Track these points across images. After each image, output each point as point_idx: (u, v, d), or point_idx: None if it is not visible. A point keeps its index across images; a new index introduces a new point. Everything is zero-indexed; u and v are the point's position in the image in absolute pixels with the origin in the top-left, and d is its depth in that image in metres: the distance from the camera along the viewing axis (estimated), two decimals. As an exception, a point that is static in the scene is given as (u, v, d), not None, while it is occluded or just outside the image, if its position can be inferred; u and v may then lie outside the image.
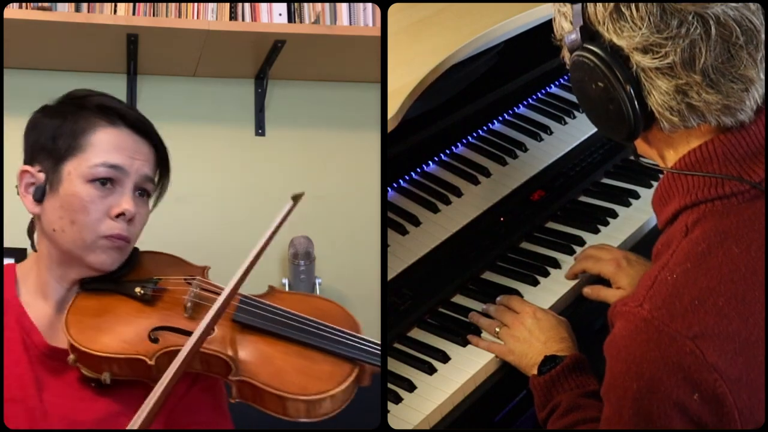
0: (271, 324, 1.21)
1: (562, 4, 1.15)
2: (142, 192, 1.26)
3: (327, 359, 1.17)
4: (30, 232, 1.32)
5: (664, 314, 1.03)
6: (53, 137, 1.23)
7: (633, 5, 1.06)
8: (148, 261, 1.31)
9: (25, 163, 1.27)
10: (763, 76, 1.07)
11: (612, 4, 1.07)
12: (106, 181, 1.22)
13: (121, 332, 1.17)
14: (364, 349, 1.19)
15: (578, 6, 1.11)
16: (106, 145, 1.22)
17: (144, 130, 1.27)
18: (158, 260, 1.32)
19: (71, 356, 1.15)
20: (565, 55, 1.18)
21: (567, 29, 1.15)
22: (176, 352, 1.11)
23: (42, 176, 1.24)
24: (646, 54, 1.06)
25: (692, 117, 1.08)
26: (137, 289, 1.23)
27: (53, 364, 1.20)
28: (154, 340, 1.16)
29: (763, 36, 1.06)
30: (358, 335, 1.22)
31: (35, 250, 1.29)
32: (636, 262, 1.46)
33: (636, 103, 1.09)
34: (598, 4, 1.09)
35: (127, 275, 1.26)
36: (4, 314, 1.23)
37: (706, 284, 1.04)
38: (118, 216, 1.22)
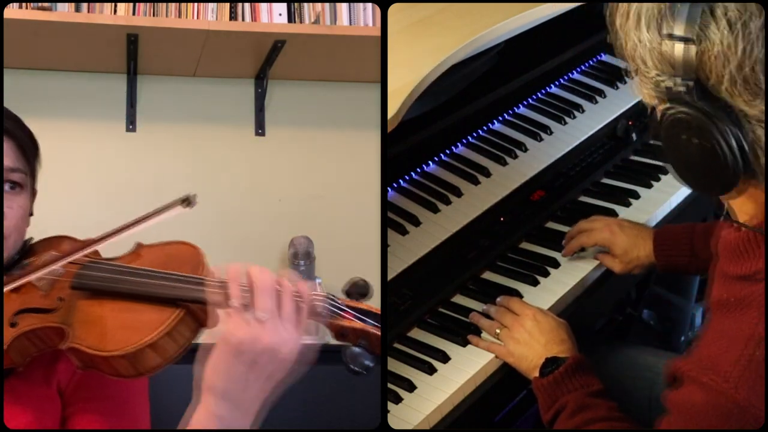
0: (104, 284, 1.17)
1: (653, 34, 1.00)
2: (13, 186, 1.23)
3: (151, 308, 1.11)
4: None
5: (760, 402, 0.97)
6: None
7: (759, 65, 0.94)
8: (37, 247, 1.30)
9: None
10: None
11: (737, 63, 0.94)
12: None
13: None
14: (183, 287, 1.11)
15: (684, 49, 0.97)
16: None
17: (6, 129, 1.23)
18: (45, 243, 1.31)
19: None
20: (644, 91, 1.06)
21: (655, 67, 1.01)
22: (31, 332, 1.13)
23: None
24: (763, 120, 0.97)
25: None
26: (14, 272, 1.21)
27: None
28: (13, 325, 1.15)
29: None
30: (187, 275, 1.13)
31: None
32: (628, 227, 1.50)
33: (741, 166, 0.99)
34: (717, 58, 0.95)
35: (17, 264, 1.25)
36: None
37: None
38: None
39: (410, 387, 1.30)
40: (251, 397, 1.01)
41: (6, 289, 1.15)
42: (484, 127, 1.75)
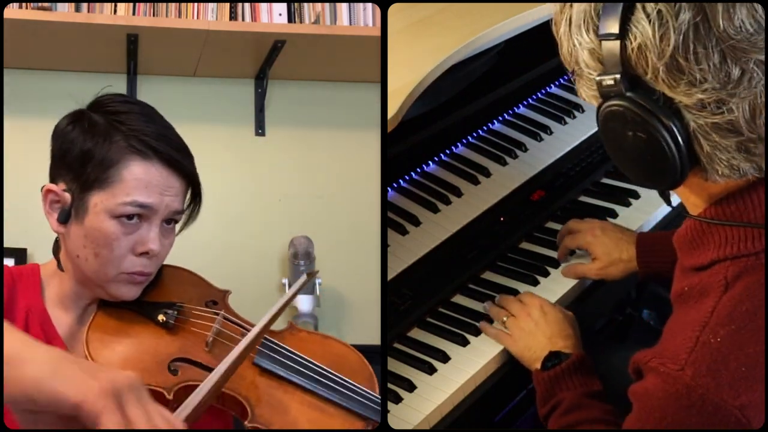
0: (290, 373, 1.19)
1: (583, 36, 1.02)
2: (169, 221, 1.23)
3: (340, 413, 1.16)
4: (55, 252, 1.28)
5: (710, 382, 0.98)
6: (82, 161, 1.18)
7: (692, 56, 0.93)
8: (170, 279, 1.29)
9: (51, 172, 1.22)
10: None
11: (668, 54, 0.94)
12: (133, 217, 1.17)
13: (140, 358, 1.15)
14: (375, 409, 1.18)
15: (613, 45, 0.98)
16: (135, 182, 1.17)
17: (176, 163, 1.22)
18: (179, 279, 1.30)
19: None
20: (585, 92, 1.07)
21: (592, 67, 1.02)
22: (194, 387, 1.06)
23: (67, 197, 1.18)
24: (704, 109, 0.96)
25: (750, 171, 0.99)
26: (160, 317, 1.20)
27: None
28: (174, 372, 1.13)
29: None
30: (373, 393, 1.20)
31: (61, 269, 1.25)
32: (611, 230, 1.49)
33: (686, 157, 0.99)
34: (644, 49, 0.96)
35: (148, 294, 1.24)
36: (29, 317, 1.21)
37: (753, 349, 0.98)
38: (142, 254, 1.19)
39: (410, 387, 1.30)
40: None
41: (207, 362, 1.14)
42: (484, 127, 1.75)
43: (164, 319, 1.20)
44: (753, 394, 0.98)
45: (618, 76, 0.99)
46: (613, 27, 0.97)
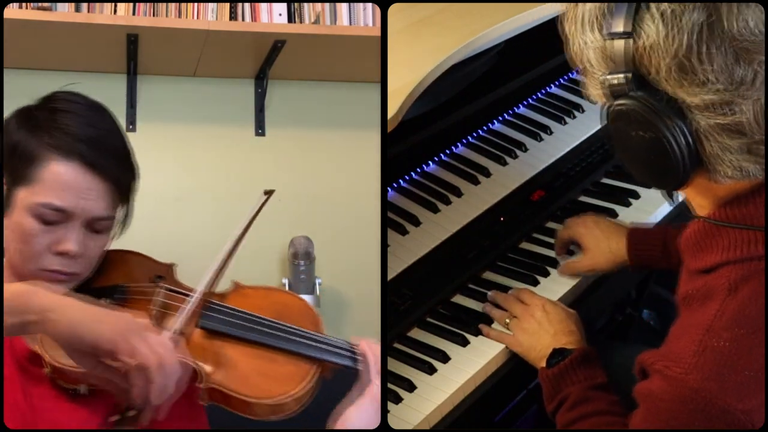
0: (234, 329, 1.22)
1: (591, 35, 1.02)
2: (95, 228, 1.21)
3: (289, 360, 1.20)
4: None
5: (715, 386, 0.98)
6: (12, 152, 1.18)
7: (702, 56, 0.93)
8: (115, 263, 1.30)
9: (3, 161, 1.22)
10: None
11: (675, 54, 0.95)
12: (52, 221, 1.17)
13: None
14: (323, 349, 1.22)
15: (621, 44, 0.98)
16: (53, 183, 1.15)
17: (98, 167, 1.17)
18: (124, 261, 1.32)
19: (47, 368, 1.14)
20: (593, 90, 1.07)
21: (600, 66, 1.03)
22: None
23: (5, 189, 1.18)
24: (710, 110, 0.96)
25: (756, 172, 0.99)
26: (102, 300, 1.19)
27: (35, 370, 1.18)
28: None
29: None
30: (318, 334, 1.23)
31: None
32: (603, 223, 1.50)
33: (690, 158, 0.99)
34: (653, 49, 0.96)
35: (95, 281, 1.26)
36: None
37: (759, 353, 0.98)
38: (60, 253, 1.18)
39: (410, 387, 1.30)
40: None
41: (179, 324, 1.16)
42: (484, 127, 1.75)
43: (107, 302, 1.19)
44: (758, 399, 0.98)
45: (625, 75, 0.99)
46: (622, 26, 0.98)
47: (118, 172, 1.21)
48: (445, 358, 1.35)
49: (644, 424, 1.07)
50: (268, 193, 1.30)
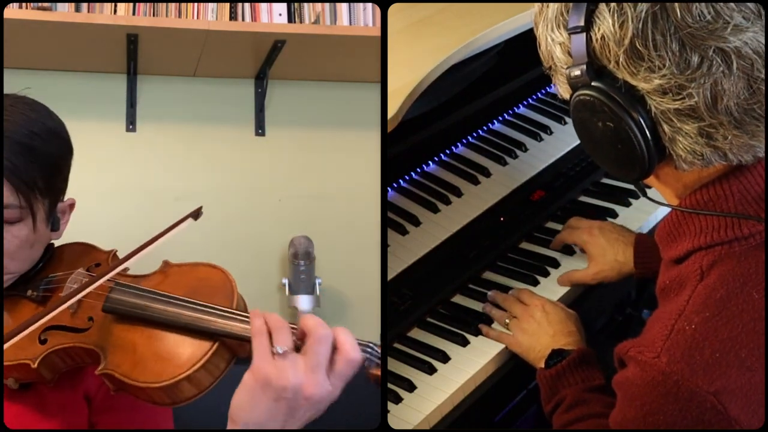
0: (136, 311, 1.16)
1: (555, 32, 1.07)
2: (4, 221, 1.18)
3: (187, 339, 1.12)
4: None
5: (684, 368, 0.99)
6: None
7: (651, 43, 0.96)
8: (61, 256, 1.30)
9: None
10: None
11: (627, 41, 0.98)
12: None
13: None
14: (218, 322, 1.11)
15: (579, 38, 1.02)
16: None
17: None
18: (70, 252, 1.31)
19: None
20: (561, 87, 1.11)
21: (564, 61, 1.07)
22: (62, 350, 1.14)
23: None
24: (665, 95, 0.98)
25: (714, 158, 1.01)
26: (29, 291, 1.22)
27: None
28: (43, 342, 1.15)
29: None
30: (221, 307, 1.12)
31: None
32: (609, 231, 1.49)
33: (652, 144, 1.01)
34: (606, 39, 1.00)
35: (38, 274, 1.26)
36: None
37: (727, 335, 0.99)
38: None
39: (410, 387, 1.30)
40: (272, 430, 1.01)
41: (49, 316, 1.12)
42: (484, 127, 1.75)
43: (33, 293, 1.22)
44: (727, 379, 0.99)
45: (584, 66, 1.03)
46: (580, 21, 1.02)
47: (13, 162, 1.17)
48: (445, 358, 1.35)
49: (621, 413, 1.07)
50: (196, 213, 1.25)
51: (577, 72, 1.04)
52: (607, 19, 0.99)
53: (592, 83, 1.03)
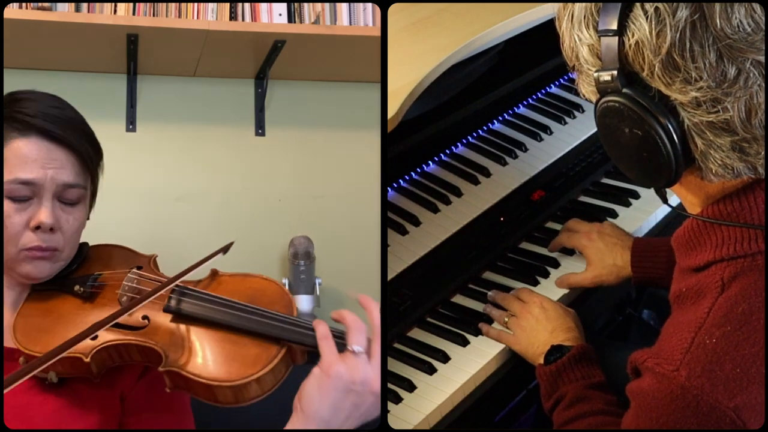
0: (200, 311, 1.20)
1: (583, 32, 1.03)
2: (68, 200, 1.23)
3: (254, 342, 1.17)
4: None
5: (705, 383, 0.98)
6: None
7: (689, 53, 0.93)
8: (97, 256, 1.32)
9: None
10: None
11: (664, 51, 0.95)
12: (24, 195, 1.19)
13: (62, 332, 1.17)
14: (288, 329, 1.17)
15: (611, 41, 0.99)
16: (16, 160, 1.19)
17: (55, 135, 1.21)
18: (106, 253, 1.33)
19: (21, 358, 1.17)
20: (585, 88, 1.08)
21: (591, 63, 1.03)
22: (113, 347, 1.16)
23: None
24: (699, 107, 0.96)
25: (744, 171, 0.99)
26: (76, 287, 1.24)
27: (9, 365, 1.20)
28: (94, 337, 1.17)
29: None
30: (286, 315, 1.20)
31: None
32: (608, 235, 1.48)
33: (681, 155, 0.99)
34: (641, 46, 0.97)
35: (75, 272, 1.28)
36: None
37: (748, 350, 0.98)
38: (37, 228, 1.19)
39: (410, 387, 1.30)
40: (339, 422, 1.09)
41: (128, 312, 1.16)
42: (484, 127, 1.75)
43: (80, 289, 1.24)
44: (748, 395, 0.98)
45: (615, 72, 1.00)
46: (612, 23, 0.98)
47: (79, 143, 1.24)
48: (445, 358, 1.35)
49: (635, 422, 1.07)
50: (226, 248, 1.32)
51: (607, 77, 1.01)
52: (644, 26, 0.96)
53: (623, 90, 1.00)
